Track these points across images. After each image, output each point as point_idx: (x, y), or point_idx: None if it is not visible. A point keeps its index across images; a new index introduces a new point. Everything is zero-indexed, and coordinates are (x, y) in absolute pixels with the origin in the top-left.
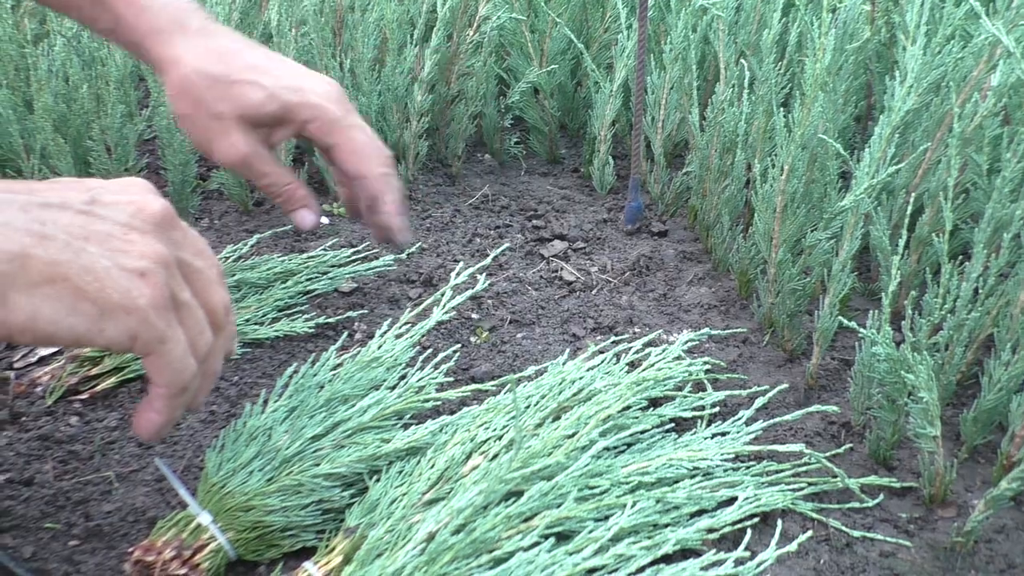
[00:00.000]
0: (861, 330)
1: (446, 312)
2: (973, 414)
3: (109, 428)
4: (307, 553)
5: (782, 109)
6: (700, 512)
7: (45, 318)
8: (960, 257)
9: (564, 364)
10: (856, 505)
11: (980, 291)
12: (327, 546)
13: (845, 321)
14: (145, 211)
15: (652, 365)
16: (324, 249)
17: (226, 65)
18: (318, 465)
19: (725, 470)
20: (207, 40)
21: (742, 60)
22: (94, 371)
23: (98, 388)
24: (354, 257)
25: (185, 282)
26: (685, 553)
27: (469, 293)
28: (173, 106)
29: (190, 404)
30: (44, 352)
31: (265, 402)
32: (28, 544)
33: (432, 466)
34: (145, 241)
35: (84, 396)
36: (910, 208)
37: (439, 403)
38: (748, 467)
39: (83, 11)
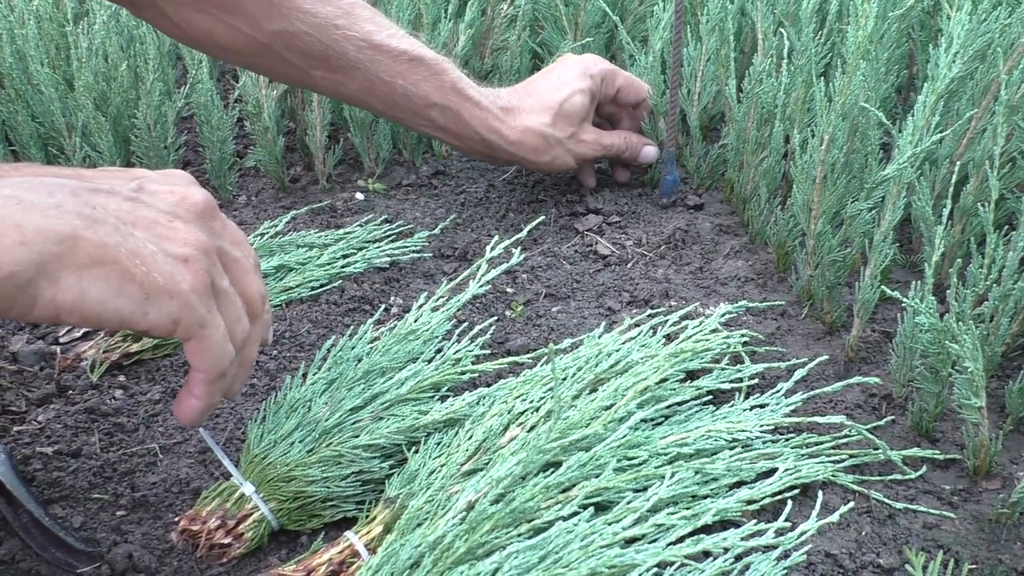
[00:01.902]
0: (904, 300)
1: (481, 286)
2: (1019, 385)
3: (152, 401)
4: (348, 523)
5: (821, 79)
6: (739, 484)
7: (93, 299)
8: (1006, 227)
9: (600, 337)
10: (898, 477)
11: None
12: (368, 516)
13: (888, 291)
14: (188, 200)
15: (689, 338)
16: (360, 225)
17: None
18: (357, 436)
19: (764, 442)
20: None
21: (780, 31)
22: (135, 347)
23: (139, 362)
24: (389, 232)
25: (224, 271)
26: (724, 524)
27: (504, 267)
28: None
29: (227, 391)
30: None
31: (304, 375)
32: (77, 514)
33: (470, 437)
34: (188, 229)
35: (127, 370)
36: (954, 178)
37: (476, 375)
38: (787, 439)
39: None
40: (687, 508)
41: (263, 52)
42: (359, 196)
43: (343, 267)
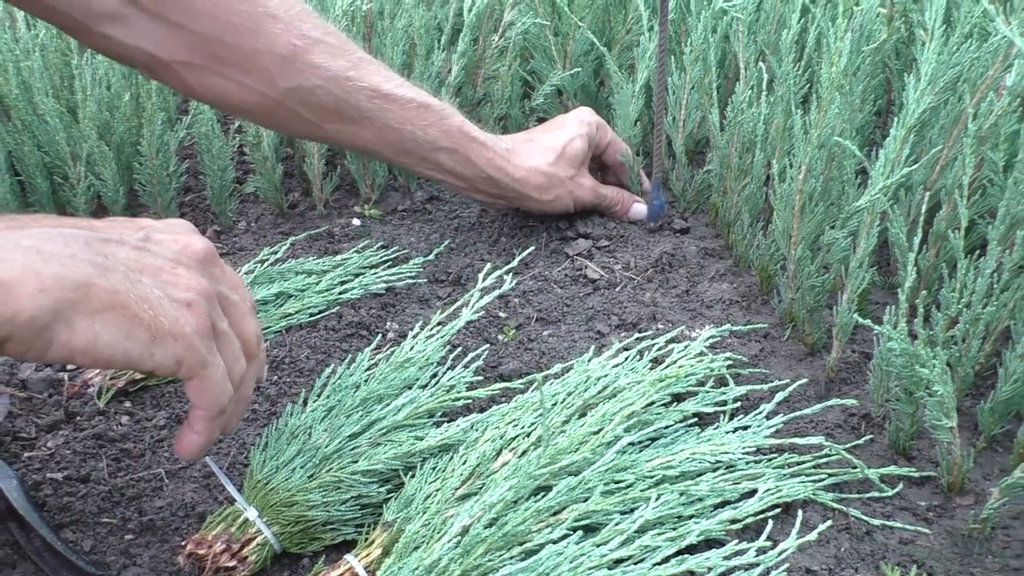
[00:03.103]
0: (876, 327)
1: (475, 312)
2: (990, 405)
3: (158, 427)
4: (348, 546)
5: (800, 110)
6: (723, 504)
7: (104, 342)
8: (977, 252)
9: (589, 362)
10: (876, 495)
11: (995, 286)
12: (366, 539)
13: (860, 319)
14: (190, 249)
15: (675, 362)
16: (356, 251)
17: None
18: (356, 462)
19: (747, 463)
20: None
21: (763, 60)
22: (139, 374)
23: (144, 388)
24: (385, 258)
25: (223, 313)
26: (709, 543)
27: (496, 293)
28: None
29: (225, 426)
30: None
31: (305, 402)
32: (87, 538)
33: (464, 462)
34: (191, 275)
35: (133, 396)
36: (925, 205)
37: (469, 401)
38: (770, 459)
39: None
40: (672, 529)
41: (277, 109)
42: (356, 222)
43: (341, 293)
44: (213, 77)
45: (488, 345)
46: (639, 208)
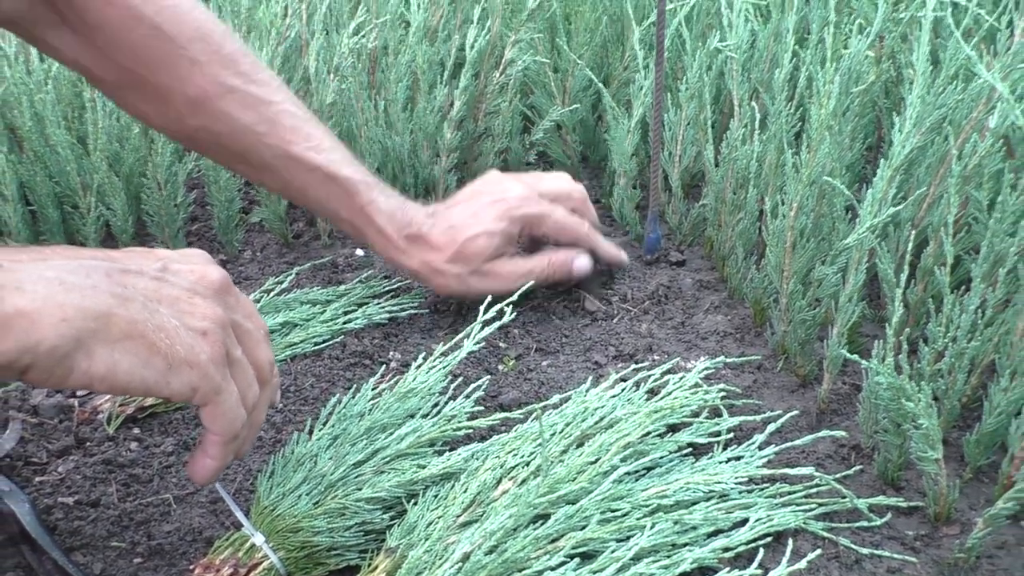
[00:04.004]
0: (863, 362)
1: (476, 343)
2: (975, 437)
3: (166, 453)
4: (351, 571)
5: (792, 147)
6: (716, 532)
7: (123, 369)
8: (963, 287)
9: (587, 393)
10: (865, 524)
11: (979, 321)
12: (370, 565)
13: (847, 354)
14: (206, 279)
15: (670, 393)
16: (360, 281)
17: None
18: (360, 490)
19: (740, 492)
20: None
21: (757, 97)
22: (148, 401)
23: (153, 415)
24: (388, 288)
25: (237, 341)
26: (703, 571)
27: (497, 325)
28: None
29: (238, 451)
30: None
31: (310, 431)
32: (98, 561)
33: (465, 490)
34: (206, 304)
35: (141, 422)
36: (912, 242)
37: (470, 430)
38: (762, 489)
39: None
40: (667, 556)
41: (192, 141)
42: (359, 252)
43: (345, 323)
44: (137, 101)
45: (488, 375)
46: (581, 262)
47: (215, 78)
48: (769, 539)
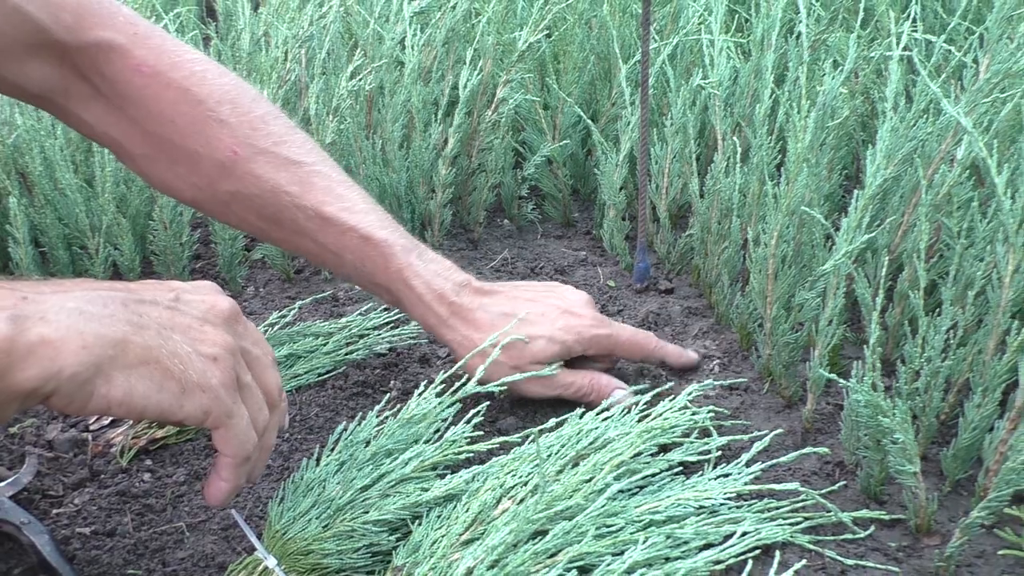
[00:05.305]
0: (841, 381)
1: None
2: (953, 451)
3: (178, 483)
4: None
5: (773, 179)
6: (707, 546)
7: (139, 394)
8: (937, 310)
9: (581, 416)
10: (849, 536)
11: (952, 342)
12: None
13: (826, 374)
14: (216, 308)
15: (660, 415)
16: (360, 314)
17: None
18: (367, 513)
19: (729, 508)
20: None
21: (739, 130)
22: (160, 433)
23: (164, 447)
24: (387, 319)
25: (247, 367)
26: None
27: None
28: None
29: (250, 474)
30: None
31: (318, 458)
32: None
33: (467, 510)
34: (217, 332)
35: (153, 454)
36: (885, 268)
37: (471, 454)
38: (750, 505)
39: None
40: (660, 569)
41: (224, 209)
42: None
43: (347, 354)
44: (166, 172)
45: (487, 401)
46: (619, 395)
47: (245, 139)
48: (758, 552)
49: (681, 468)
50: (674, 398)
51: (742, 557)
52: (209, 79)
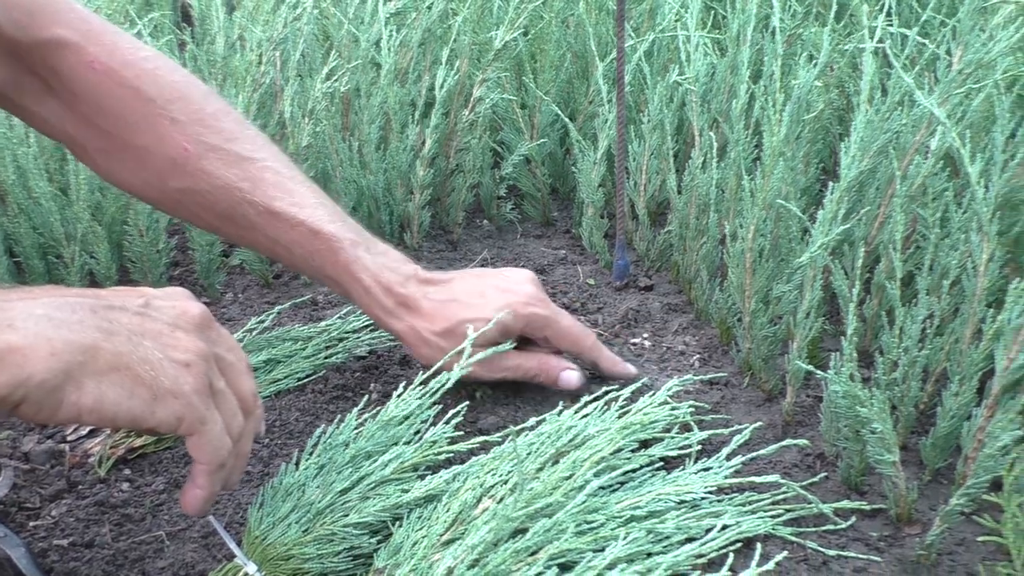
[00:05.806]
0: (819, 373)
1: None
2: (931, 440)
3: (157, 491)
4: None
5: (750, 174)
6: (688, 540)
7: (110, 400)
8: (914, 299)
9: (560, 414)
10: (831, 527)
11: (928, 331)
12: None
13: (803, 366)
14: (188, 314)
15: (640, 410)
16: (339, 317)
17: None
18: (347, 516)
19: (710, 502)
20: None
21: (716, 126)
22: (138, 442)
23: (143, 456)
24: (367, 322)
25: (220, 373)
26: None
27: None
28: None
29: (226, 481)
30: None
31: (297, 462)
32: None
33: (447, 510)
34: (188, 338)
35: (132, 463)
36: (861, 260)
37: (451, 454)
38: (731, 498)
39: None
40: (641, 564)
41: (175, 205)
42: None
43: (326, 358)
44: (120, 168)
45: (468, 401)
46: (570, 376)
47: (196, 137)
48: (739, 544)
49: (662, 463)
50: (654, 394)
51: (724, 550)
52: (161, 76)
